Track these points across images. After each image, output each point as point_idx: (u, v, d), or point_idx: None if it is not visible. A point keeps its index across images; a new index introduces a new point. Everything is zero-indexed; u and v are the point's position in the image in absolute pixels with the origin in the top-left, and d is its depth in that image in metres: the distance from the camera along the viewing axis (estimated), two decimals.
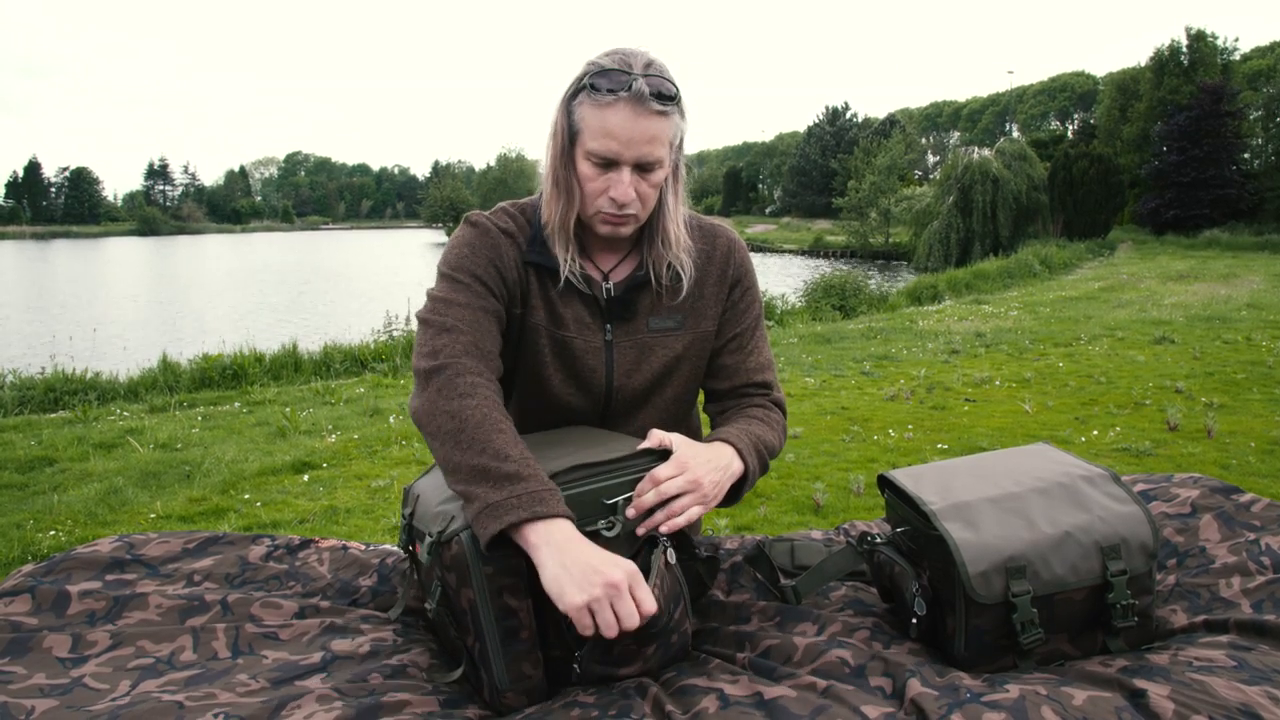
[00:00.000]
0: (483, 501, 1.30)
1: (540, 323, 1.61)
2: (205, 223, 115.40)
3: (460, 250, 1.59)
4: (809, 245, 47.71)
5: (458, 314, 1.52)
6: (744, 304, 1.72)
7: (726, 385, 1.71)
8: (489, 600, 1.31)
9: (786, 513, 4.32)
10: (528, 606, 1.33)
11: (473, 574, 1.30)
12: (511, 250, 1.59)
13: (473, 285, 1.55)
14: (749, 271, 1.74)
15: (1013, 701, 1.22)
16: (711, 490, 1.47)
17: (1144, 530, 1.42)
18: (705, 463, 1.48)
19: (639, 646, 1.35)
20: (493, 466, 1.33)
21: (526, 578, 1.32)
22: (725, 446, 1.54)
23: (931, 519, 1.41)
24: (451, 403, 1.41)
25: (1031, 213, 31.61)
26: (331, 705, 1.25)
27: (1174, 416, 5.88)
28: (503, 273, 1.58)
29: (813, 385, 7.72)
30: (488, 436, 1.37)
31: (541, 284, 1.61)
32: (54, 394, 8.28)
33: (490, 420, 1.39)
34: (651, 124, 1.47)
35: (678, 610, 1.41)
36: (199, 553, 1.80)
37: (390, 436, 5.99)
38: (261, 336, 11.74)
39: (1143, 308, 13.07)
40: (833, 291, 15.53)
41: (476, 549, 1.30)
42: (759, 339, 1.73)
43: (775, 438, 1.66)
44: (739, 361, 1.70)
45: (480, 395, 1.42)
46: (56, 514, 4.43)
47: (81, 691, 1.31)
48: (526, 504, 1.29)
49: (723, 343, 1.70)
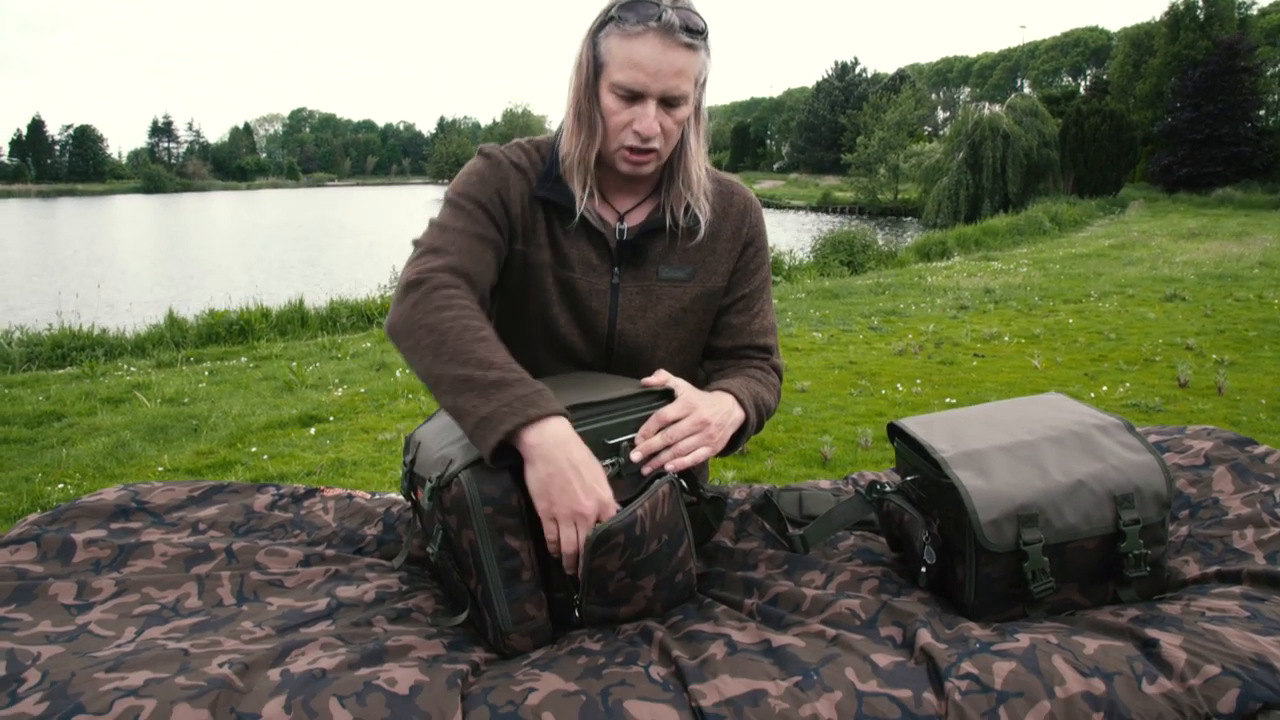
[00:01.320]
0: (474, 416, 1.29)
1: (545, 261, 1.59)
2: (210, 180, 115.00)
3: (468, 178, 1.57)
4: (817, 201, 47.38)
5: (450, 238, 1.50)
6: (754, 265, 1.69)
7: (728, 344, 1.69)
8: (489, 541, 1.29)
9: (794, 465, 4.32)
10: (529, 547, 1.32)
11: (473, 515, 1.28)
12: (520, 184, 1.57)
13: (474, 212, 1.53)
14: (762, 233, 1.71)
15: (1023, 650, 1.21)
16: (718, 434, 1.46)
17: (1158, 479, 1.40)
18: (710, 405, 1.47)
19: (633, 580, 1.34)
20: (477, 376, 1.32)
21: (527, 519, 1.31)
22: (726, 394, 1.53)
23: (943, 467, 1.40)
24: (429, 316, 1.39)
25: (1042, 169, 31.32)
26: (335, 651, 1.24)
27: (1184, 373, 5.85)
28: (507, 205, 1.56)
29: (820, 340, 7.69)
30: (469, 346, 1.35)
31: (549, 222, 1.58)
32: (61, 350, 8.28)
33: (470, 329, 1.37)
34: (679, 56, 1.45)
35: (681, 549, 1.40)
36: (204, 501, 1.79)
37: (397, 390, 5.99)
38: (268, 292, 11.71)
39: (1153, 265, 12.97)
40: (841, 247, 15.43)
41: (476, 489, 1.28)
42: (765, 302, 1.71)
43: (772, 398, 1.64)
44: (744, 323, 1.68)
45: (458, 306, 1.40)
46: (65, 467, 4.45)
47: (87, 638, 1.30)
48: (519, 409, 1.28)
49: (730, 301, 1.68)
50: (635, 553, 1.31)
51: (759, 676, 1.17)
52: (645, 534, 1.31)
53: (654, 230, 1.60)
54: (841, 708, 1.12)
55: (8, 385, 6.54)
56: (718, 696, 1.14)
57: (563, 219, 1.58)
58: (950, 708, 1.13)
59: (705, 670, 1.19)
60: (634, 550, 1.30)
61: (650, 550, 1.33)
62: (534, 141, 1.64)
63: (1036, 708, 1.13)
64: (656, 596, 1.39)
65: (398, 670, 1.18)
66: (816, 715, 1.11)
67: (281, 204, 68.27)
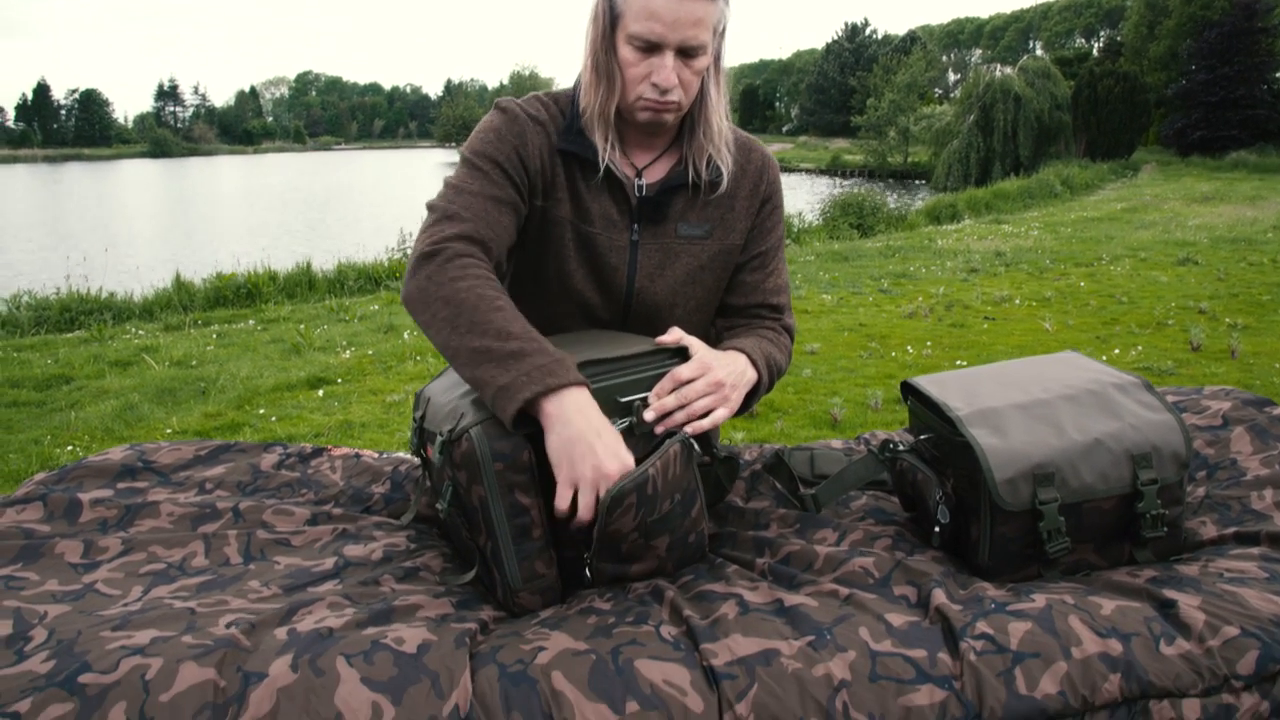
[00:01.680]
0: (493, 386, 1.27)
1: (565, 216, 1.56)
2: (217, 144, 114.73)
3: (485, 135, 1.53)
4: (826, 164, 47.05)
5: (465, 201, 1.47)
6: (770, 223, 1.67)
7: (741, 302, 1.67)
8: (499, 497, 1.28)
9: (804, 427, 4.30)
10: (539, 505, 1.30)
11: (483, 470, 1.27)
12: (539, 138, 1.53)
13: (490, 172, 1.50)
14: (779, 191, 1.69)
15: (1039, 611, 1.19)
16: (733, 394, 1.44)
17: (1176, 439, 1.37)
18: (725, 365, 1.44)
19: (646, 541, 1.33)
20: (495, 347, 1.30)
21: (537, 476, 1.30)
22: (739, 354, 1.51)
23: (957, 425, 1.37)
24: (444, 288, 1.36)
25: (1054, 132, 30.99)
26: (343, 610, 1.23)
27: (1197, 336, 5.80)
28: (525, 161, 1.52)
29: (830, 302, 7.65)
30: (486, 317, 1.33)
31: (570, 175, 1.55)
32: (69, 314, 8.27)
33: (486, 299, 1.35)
34: (697, 6, 1.41)
35: (694, 509, 1.38)
36: (210, 460, 1.78)
37: (405, 352, 5.97)
38: (275, 255, 11.64)
39: (1166, 229, 12.85)
40: (850, 210, 15.31)
41: (487, 445, 1.26)
42: (779, 261, 1.69)
43: (783, 359, 1.62)
44: (758, 281, 1.66)
45: (473, 275, 1.38)
46: (74, 430, 4.45)
47: (93, 597, 1.30)
48: (538, 378, 1.26)
49: (745, 259, 1.66)
50: (649, 513, 1.29)
51: (771, 636, 1.16)
52: (658, 493, 1.29)
53: (674, 187, 1.57)
54: (855, 667, 1.11)
55: (16, 349, 6.54)
56: (729, 656, 1.12)
57: (585, 172, 1.55)
58: (965, 668, 1.11)
59: (717, 630, 1.18)
60: (648, 510, 1.29)
61: (663, 510, 1.31)
62: (552, 94, 1.61)
63: (1053, 668, 1.12)
64: (669, 557, 1.37)
65: (405, 629, 1.17)
66: (830, 675, 1.10)
67: (288, 168, 68.06)
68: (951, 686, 1.10)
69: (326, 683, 1.06)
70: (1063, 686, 1.10)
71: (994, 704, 1.08)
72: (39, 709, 1.01)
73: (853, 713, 1.07)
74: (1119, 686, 1.11)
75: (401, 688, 1.07)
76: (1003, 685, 1.10)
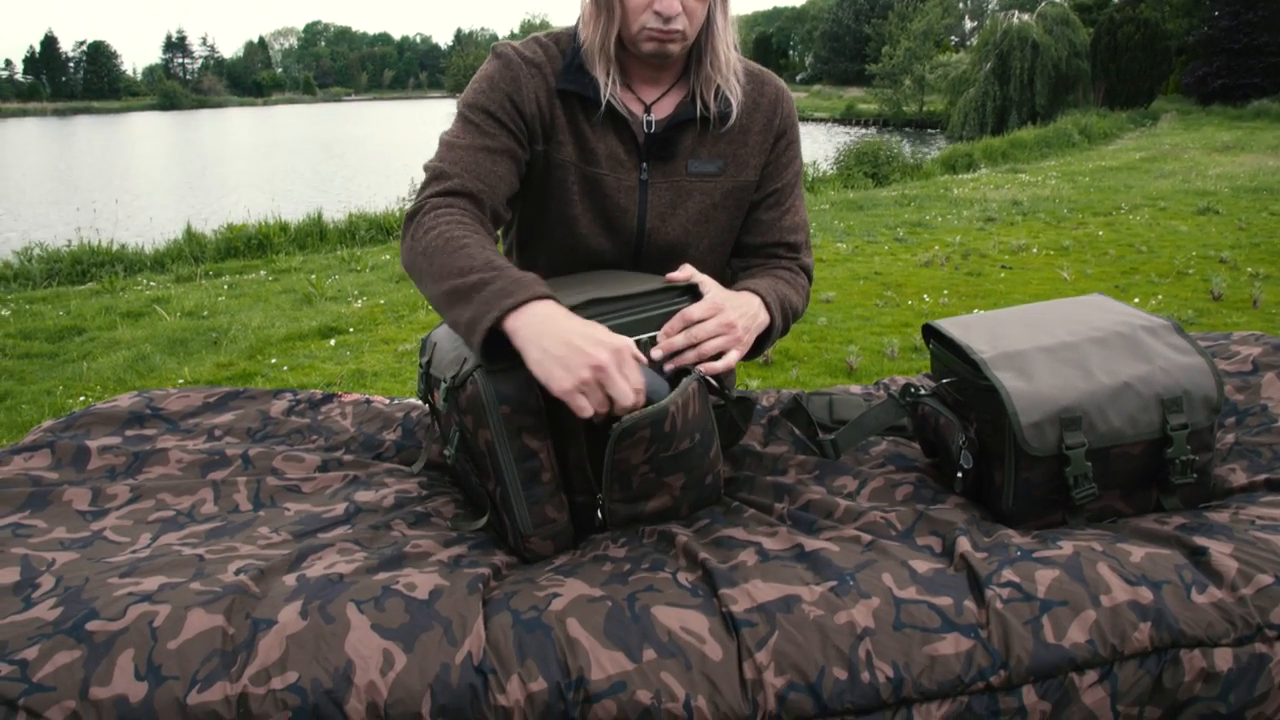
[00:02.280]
0: (462, 324, 1.25)
1: (569, 159, 1.50)
2: (226, 96, 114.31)
3: (479, 85, 1.48)
4: (841, 113, 46.55)
5: (455, 157, 1.44)
6: (786, 158, 1.61)
7: (757, 241, 1.61)
8: (507, 441, 1.25)
9: (819, 375, 4.27)
10: (548, 448, 1.27)
11: (489, 415, 1.24)
12: (535, 81, 1.48)
13: (483, 124, 1.45)
14: (794, 125, 1.62)
15: (1066, 558, 1.16)
16: (745, 336, 1.39)
17: (1207, 382, 1.33)
18: (736, 306, 1.40)
19: (658, 476, 1.29)
20: (458, 284, 1.27)
21: (546, 418, 1.26)
22: (752, 296, 1.46)
23: (981, 368, 1.33)
24: (420, 242, 1.35)
25: (1072, 81, 30.50)
26: (353, 555, 1.21)
27: (1218, 286, 5.72)
28: (521, 106, 1.47)
29: (845, 251, 7.57)
30: (450, 259, 1.30)
31: (571, 116, 1.50)
32: (81, 266, 8.26)
33: (452, 241, 1.32)
34: None
35: (712, 450, 1.35)
36: (219, 408, 1.76)
37: (417, 302, 5.94)
38: (286, 206, 11.61)
39: (1186, 178, 12.66)
40: (865, 159, 15.14)
41: (492, 388, 1.23)
42: (796, 198, 1.63)
43: (799, 301, 1.58)
44: (774, 219, 1.61)
45: (444, 222, 1.35)
46: (86, 381, 4.45)
47: (101, 544, 1.28)
48: (494, 302, 1.22)
49: (761, 196, 1.60)
50: (662, 448, 1.26)
51: (792, 582, 1.13)
52: (676, 430, 1.26)
53: (682, 122, 1.51)
54: (879, 614, 1.08)
55: (29, 301, 6.55)
56: (749, 602, 1.10)
57: (587, 112, 1.49)
58: (992, 616, 1.08)
59: (736, 575, 1.15)
60: (661, 445, 1.25)
61: (680, 448, 1.28)
62: (552, 35, 1.55)
63: (1081, 617, 1.09)
64: (684, 496, 1.34)
65: (417, 575, 1.14)
66: (853, 622, 1.07)
67: (298, 119, 67.73)
68: (978, 635, 1.07)
69: (336, 630, 1.04)
70: (1091, 635, 1.08)
71: (1021, 653, 1.06)
72: (46, 656, 1.00)
73: (876, 661, 1.05)
74: (1149, 635, 1.08)
75: (413, 635, 1.04)
76: (1030, 634, 1.07)
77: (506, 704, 1.01)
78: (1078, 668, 1.07)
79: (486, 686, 1.01)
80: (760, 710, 1.02)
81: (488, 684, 1.01)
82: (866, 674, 1.04)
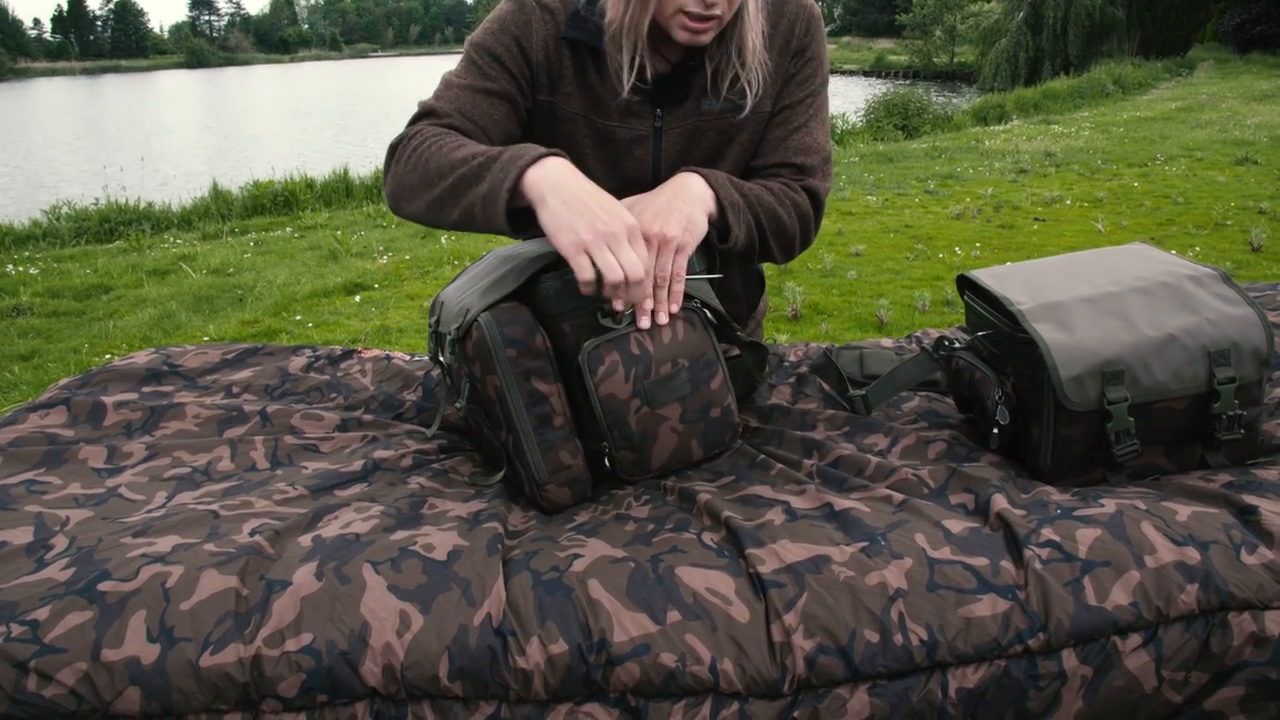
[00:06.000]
0: (478, 202, 1.22)
1: (576, 111, 1.44)
2: (253, 53, 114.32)
3: (489, 25, 1.43)
4: (870, 65, 45.91)
5: (452, 95, 1.40)
6: (803, 75, 1.48)
7: (761, 162, 1.49)
8: (515, 386, 1.22)
9: (849, 330, 4.21)
10: (559, 391, 1.24)
11: (495, 359, 1.21)
12: (546, 27, 1.41)
13: (486, 66, 1.40)
14: (816, 39, 1.49)
15: (1109, 517, 1.11)
16: (677, 229, 1.25)
17: (1257, 334, 1.26)
18: (650, 204, 1.28)
19: (652, 410, 1.25)
20: (464, 172, 1.24)
21: (555, 362, 1.24)
22: (681, 174, 1.34)
23: (1019, 319, 1.27)
24: (405, 164, 1.33)
25: (1106, 30, 29.83)
26: (370, 514, 1.18)
27: (1258, 237, 5.58)
28: (527, 52, 1.41)
29: (875, 203, 7.46)
30: (448, 157, 1.27)
31: (579, 66, 1.42)
32: (109, 225, 8.31)
33: (445, 146, 1.29)
34: None
35: (713, 381, 1.29)
36: (237, 364, 1.73)
37: (443, 257, 5.92)
38: (312, 163, 11.58)
39: (1223, 128, 12.36)
40: (895, 111, 14.90)
41: (497, 330, 1.20)
42: (811, 118, 1.49)
43: (783, 211, 1.42)
44: (781, 137, 1.48)
45: (430, 137, 1.32)
46: (112, 338, 4.47)
47: (117, 502, 1.26)
48: (510, 166, 1.20)
49: (771, 113, 1.49)
50: (643, 373, 1.23)
51: (821, 542, 1.09)
52: (647, 353, 1.23)
53: (693, 65, 1.43)
54: (912, 576, 1.04)
55: (57, 259, 6.58)
56: (777, 563, 1.06)
57: (596, 62, 1.42)
58: (1030, 577, 1.04)
59: (763, 534, 1.11)
60: (640, 370, 1.22)
61: (661, 373, 1.24)
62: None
63: (1125, 578, 1.04)
64: (689, 431, 1.29)
65: (436, 533, 1.12)
66: (885, 584, 1.03)
67: (326, 76, 67.54)
68: (1015, 597, 1.03)
69: (352, 590, 1.01)
70: (1135, 597, 1.03)
71: (1061, 615, 1.01)
72: (58, 617, 0.98)
73: (909, 624, 1.01)
74: (1196, 597, 1.04)
75: (431, 596, 1.01)
76: (1070, 595, 1.02)
77: (526, 666, 0.98)
78: (1120, 631, 1.02)
79: (506, 649, 0.98)
80: (789, 674, 0.99)
81: (507, 646, 0.99)
82: (899, 636, 1.00)
